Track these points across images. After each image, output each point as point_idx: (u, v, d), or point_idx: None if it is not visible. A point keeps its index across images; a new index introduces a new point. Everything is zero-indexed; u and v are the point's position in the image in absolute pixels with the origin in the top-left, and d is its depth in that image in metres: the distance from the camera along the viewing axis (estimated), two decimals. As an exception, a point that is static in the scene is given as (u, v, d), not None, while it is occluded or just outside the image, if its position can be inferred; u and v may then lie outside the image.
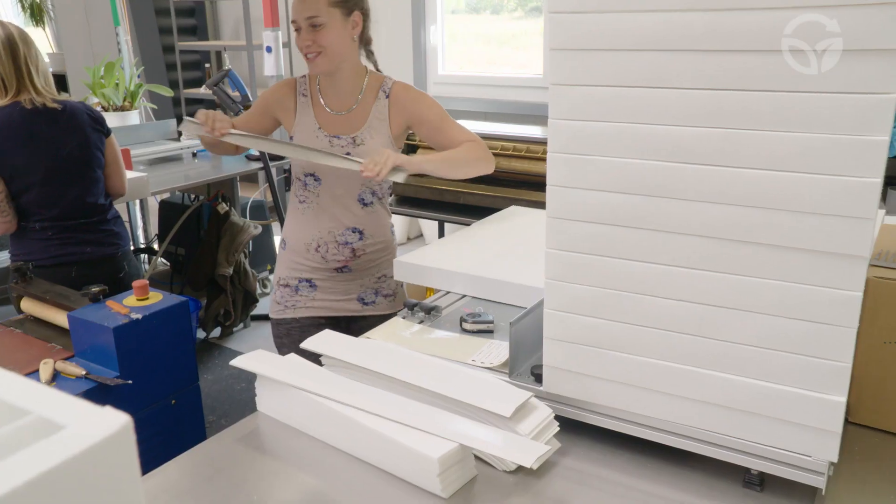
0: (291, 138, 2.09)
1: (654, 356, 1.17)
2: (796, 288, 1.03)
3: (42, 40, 8.18)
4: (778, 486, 1.14)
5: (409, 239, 5.65)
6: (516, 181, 3.13)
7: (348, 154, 2.00)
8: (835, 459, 1.07)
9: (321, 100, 2.06)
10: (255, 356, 1.43)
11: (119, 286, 2.35)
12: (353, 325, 2.19)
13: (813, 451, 1.07)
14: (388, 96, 2.06)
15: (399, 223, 5.50)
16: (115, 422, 0.40)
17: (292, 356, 1.44)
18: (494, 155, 3.12)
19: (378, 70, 2.15)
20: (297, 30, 1.95)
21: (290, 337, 2.13)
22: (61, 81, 7.14)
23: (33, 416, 0.41)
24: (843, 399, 1.04)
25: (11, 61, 2.26)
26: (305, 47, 1.95)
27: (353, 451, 1.26)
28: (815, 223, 0.99)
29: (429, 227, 5.37)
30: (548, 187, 1.19)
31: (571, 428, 1.30)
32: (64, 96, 2.51)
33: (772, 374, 1.07)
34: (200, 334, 3.80)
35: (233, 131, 1.96)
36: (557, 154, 1.16)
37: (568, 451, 1.27)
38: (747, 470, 1.14)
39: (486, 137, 3.21)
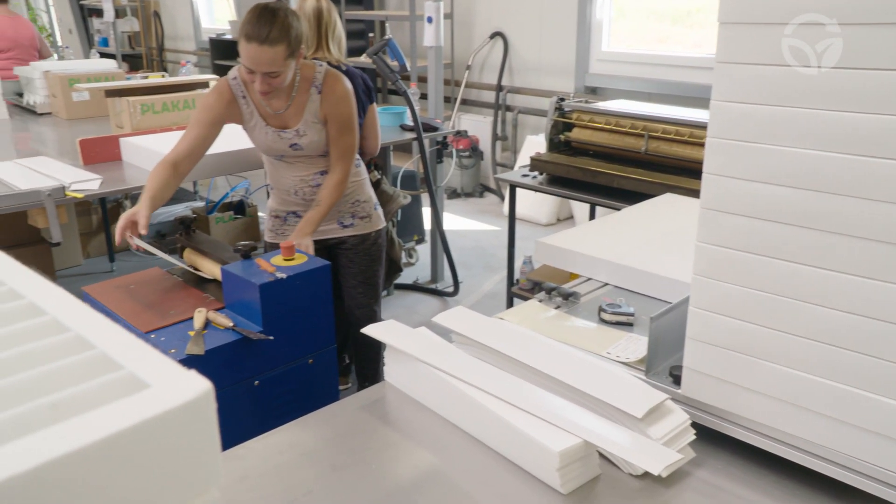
0: (245, 131, 2.39)
1: (814, 372, 1.04)
2: None
3: (224, 9, 8.74)
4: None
5: (558, 220, 5.54)
6: (675, 167, 2.96)
7: (296, 144, 2.32)
8: None
9: (260, 98, 2.29)
10: (385, 326, 1.44)
11: None
12: (336, 250, 2.58)
13: None
14: (319, 92, 2.32)
15: (549, 204, 5.41)
16: (196, 387, 0.39)
17: (423, 329, 1.43)
18: (653, 138, 2.98)
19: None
20: (251, 72, 2.14)
21: None
22: (236, 48, 7.58)
23: (125, 371, 0.41)
24: None
25: (316, 27, 2.70)
26: (261, 91, 2.17)
27: (475, 434, 1.24)
28: None
29: (580, 209, 5.24)
30: (704, 175, 1.09)
31: (710, 438, 1.20)
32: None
33: (956, 407, 0.92)
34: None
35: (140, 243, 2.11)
36: (717, 139, 1.06)
37: (703, 463, 1.17)
38: (916, 513, 1.00)
39: (645, 119, 3.07)
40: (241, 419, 1.86)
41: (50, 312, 0.45)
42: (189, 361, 1.73)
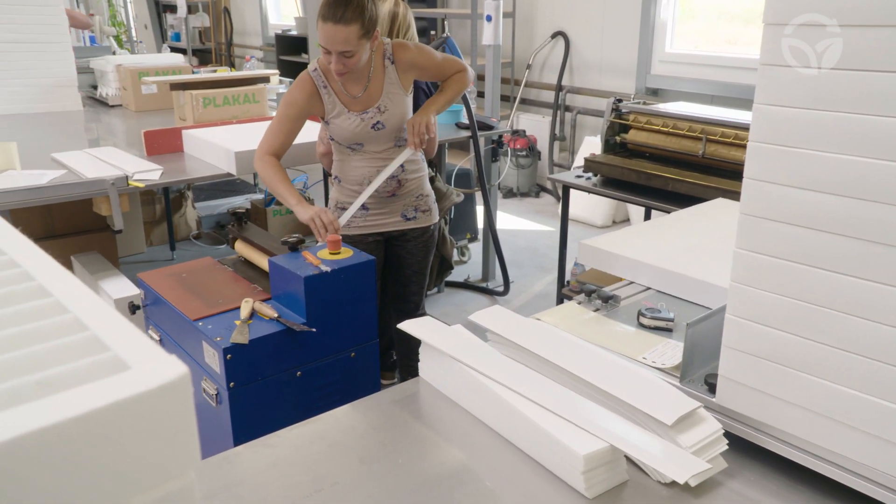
0: (327, 122, 2.44)
1: (853, 386, 1.01)
2: None
3: (291, 6, 8.91)
4: None
5: (614, 222, 5.47)
6: (733, 171, 2.89)
7: (378, 123, 2.40)
8: None
9: (340, 86, 2.39)
10: (421, 322, 1.44)
11: None
12: (396, 242, 2.64)
13: None
14: (393, 62, 2.41)
15: (605, 206, 5.34)
16: (173, 371, 0.40)
17: (458, 327, 1.44)
18: (711, 142, 2.91)
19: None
20: (327, 53, 2.23)
21: None
22: (303, 43, 7.71)
23: (111, 353, 0.43)
24: None
25: (388, 29, 2.87)
26: (337, 71, 2.26)
27: (504, 433, 1.23)
28: None
29: (636, 212, 5.16)
30: (744, 181, 1.06)
31: (744, 449, 1.17)
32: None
33: None
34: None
35: (341, 221, 2.36)
36: (759, 144, 1.03)
37: (736, 474, 1.14)
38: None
39: (703, 122, 3.00)
40: (283, 409, 1.90)
41: (54, 294, 0.48)
42: (234, 350, 1.78)
